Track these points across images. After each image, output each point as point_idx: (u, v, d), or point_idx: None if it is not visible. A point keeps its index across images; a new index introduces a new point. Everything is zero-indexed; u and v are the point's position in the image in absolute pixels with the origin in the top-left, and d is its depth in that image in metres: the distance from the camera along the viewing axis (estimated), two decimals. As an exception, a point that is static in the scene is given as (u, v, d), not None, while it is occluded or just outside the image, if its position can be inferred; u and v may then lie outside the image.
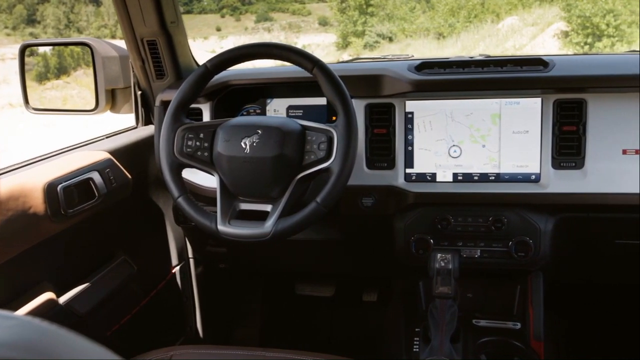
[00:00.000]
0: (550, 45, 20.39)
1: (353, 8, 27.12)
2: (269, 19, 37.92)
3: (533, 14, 22.93)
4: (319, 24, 35.55)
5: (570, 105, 1.47)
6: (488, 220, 1.53)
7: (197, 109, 1.70)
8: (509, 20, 23.10)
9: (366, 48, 25.76)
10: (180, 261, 1.99)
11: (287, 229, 1.30)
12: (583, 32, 19.86)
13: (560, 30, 20.92)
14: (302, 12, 38.08)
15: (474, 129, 1.53)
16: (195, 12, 40.66)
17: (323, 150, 1.31)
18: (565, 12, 20.84)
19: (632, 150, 1.45)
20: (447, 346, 1.31)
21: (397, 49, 23.27)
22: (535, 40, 21.10)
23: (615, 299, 2.09)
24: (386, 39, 26.18)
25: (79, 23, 36.83)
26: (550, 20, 21.83)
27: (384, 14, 27.22)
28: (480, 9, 24.80)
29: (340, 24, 28.46)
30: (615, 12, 19.76)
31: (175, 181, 1.39)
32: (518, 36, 21.92)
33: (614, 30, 19.66)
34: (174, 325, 2.01)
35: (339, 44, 27.47)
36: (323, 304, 2.35)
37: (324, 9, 35.96)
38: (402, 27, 26.60)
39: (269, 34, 35.43)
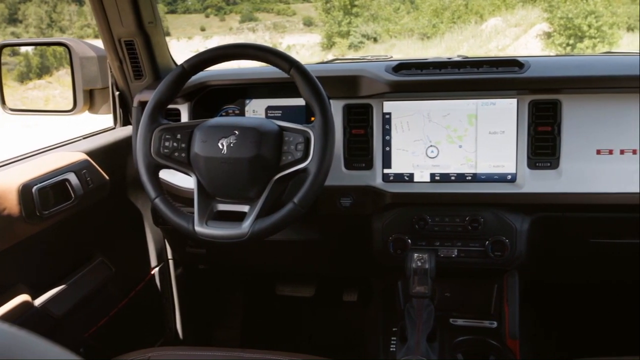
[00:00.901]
0: (533, 46, 20.57)
1: (338, 8, 27.16)
2: (254, 19, 37.84)
3: (516, 15, 23.13)
4: (303, 24, 35.54)
5: (545, 106, 1.49)
6: (465, 220, 1.54)
7: (175, 109, 1.69)
8: (493, 21, 23.29)
9: (351, 48, 25.81)
10: (160, 262, 1.98)
11: (264, 230, 1.31)
12: (565, 33, 20.08)
13: (543, 31, 21.13)
14: (286, 12, 38.04)
15: (451, 129, 1.54)
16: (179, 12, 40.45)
17: (300, 150, 1.31)
18: (548, 13, 21.06)
19: (606, 151, 1.47)
20: (424, 345, 1.32)
21: (382, 50, 23.35)
22: (518, 41, 21.29)
23: (591, 297, 2.11)
24: (371, 39, 26.25)
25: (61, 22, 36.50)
26: (533, 21, 22.04)
27: (368, 14, 27.29)
28: (464, 10, 24.97)
29: (325, 24, 28.48)
30: (597, 14, 20.00)
31: (152, 182, 1.38)
32: (501, 37, 22.10)
33: (596, 32, 19.90)
34: (153, 326, 2.00)
35: (324, 44, 27.49)
36: (303, 304, 2.35)
37: (308, 9, 35.97)
38: (386, 27, 26.69)
39: (254, 34, 35.36)
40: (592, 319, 2.13)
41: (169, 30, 35.89)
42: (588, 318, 2.14)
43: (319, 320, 2.34)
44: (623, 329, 2.08)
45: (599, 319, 2.13)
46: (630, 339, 2.02)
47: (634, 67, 1.53)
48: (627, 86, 1.47)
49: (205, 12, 39.85)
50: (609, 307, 2.14)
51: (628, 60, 1.65)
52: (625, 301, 2.12)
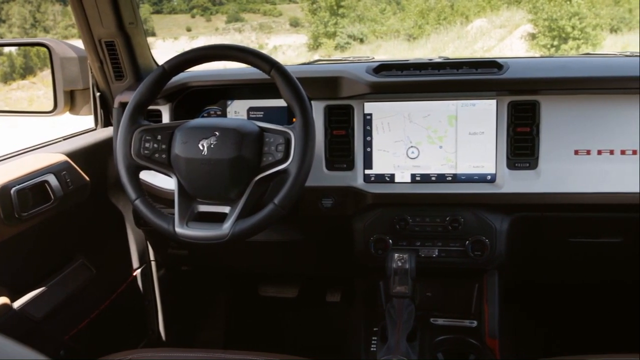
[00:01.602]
0: (518, 47, 20.72)
1: (324, 9, 27.14)
2: (240, 19, 37.74)
3: (501, 17, 23.28)
4: (290, 25, 35.50)
5: (524, 107, 1.51)
6: (445, 220, 1.55)
7: (156, 110, 1.69)
8: (478, 22, 23.42)
9: (337, 49, 25.82)
10: (142, 264, 1.97)
11: (245, 231, 1.31)
12: (550, 35, 20.23)
13: (528, 32, 21.29)
14: (273, 12, 37.98)
15: (431, 130, 1.56)
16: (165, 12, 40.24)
17: (281, 151, 1.32)
18: (532, 14, 21.21)
19: (584, 151, 1.49)
20: (404, 345, 1.33)
21: (369, 50, 23.39)
22: (503, 42, 21.43)
23: (572, 296, 2.14)
24: (357, 40, 26.28)
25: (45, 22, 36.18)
26: (518, 22, 22.19)
27: (354, 15, 27.31)
28: (449, 11, 25.07)
29: (311, 25, 28.46)
30: (581, 15, 20.18)
31: (132, 183, 1.38)
32: (487, 38, 22.24)
33: (580, 33, 20.07)
34: (135, 328, 2.00)
35: (311, 45, 27.47)
36: (287, 305, 2.36)
37: (295, 10, 35.93)
38: (372, 28, 26.73)
39: (240, 34, 35.25)
40: (573, 318, 2.15)
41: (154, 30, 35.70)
42: (569, 317, 2.16)
43: (302, 321, 2.34)
44: (603, 327, 2.10)
45: (580, 318, 2.15)
46: (611, 337, 2.05)
47: (612, 69, 1.55)
48: (604, 87, 1.49)
49: (191, 13, 39.68)
50: (590, 306, 2.17)
51: (606, 61, 1.68)
52: (605, 300, 2.15)
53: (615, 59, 1.72)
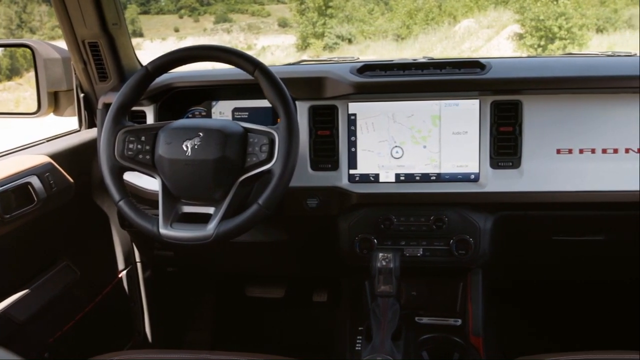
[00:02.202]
0: (505, 47, 20.84)
1: (312, 9, 27.16)
2: (228, 20, 37.66)
3: (488, 17, 23.40)
4: (278, 25, 35.48)
5: (507, 107, 1.52)
6: (429, 219, 1.56)
7: (140, 111, 1.68)
8: (466, 22, 23.53)
9: (326, 49, 25.83)
10: (127, 265, 1.96)
11: (229, 231, 1.31)
12: (537, 35, 20.37)
13: (515, 32, 21.41)
14: (261, 13, 37.94)
15: (415, 130, 1.56)
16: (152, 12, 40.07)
17: (265, 152, 1.32)
18: (519, 15, 21.34)
19: (566, 150, 1.51)
20: (389, 344, 1.33)
21: (357, 51, 23.43)
22: (490, 43, 21.54)
23: (557, 294, 2.15)
24: (345, 40, 26.32)
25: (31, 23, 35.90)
26: (505, 23, 22.32)
27: (343, 15, 27.35)
28: (437, 11, 25.17)
29: (299, 25, 28.46)
30: (567, 15, 20.34)
31: (116, 185, 1.37)
32: (474, 38, 22.35)
33: (566, 33, 20.23)
34: (121, 330, 1.99)
35: (299, 45, 27.47)
36: (274, 306, 2.36)
37: (283, 10, 35.92)
38: (361, 29, 26.79)
39: (229, 35, 35.18)
40: (559, 316, 2.17)
41: (142, 31, 35.54)
42: (554, 315, 2.18)
43: (289, 321, 2.34)
44: (588, 325, 2.12)
45: (566, 315, 2.17)
46: (596, 334, 2.07)
47: (593, 68, 1.57)
48: (586, 87, 1.51)
49: (179, 13, 39.55)
50: (575, 303, 2.19)
51: (588, 61, 1.70)
52: (590, 298, 2.17)
53: (597, 59, 1.73)
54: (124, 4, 35.40)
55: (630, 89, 1.49)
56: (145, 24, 37.72)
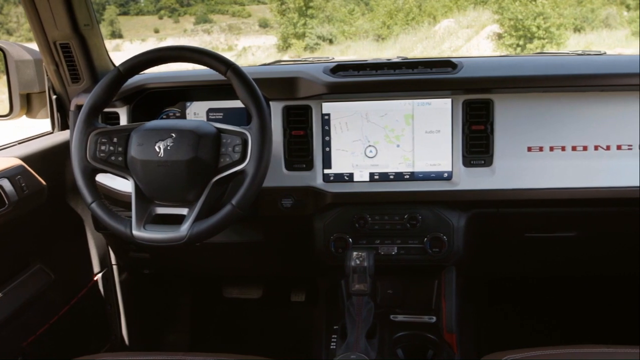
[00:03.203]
0: (485, 47, 21.00)
1: (293, 10, 27.15)
2: (209, 20, 37.48)
3: (468, 17, 23.57)
4: (259, 26, 35.40)
5: (478, 105, 1.53)
6: (404, 218, 1.58)
7: (114, 113, 1.67)
8: (445, 22, 23.67)
9: (307, 50, 25.84)
10: (103, 268, 1.95)
11: (202, 232, 1.31)
12: (515, 34, 20.56)
13: (494, 32, 21.59)
14: (242, 14, 37.81)
15: (389, 129, 1.57)
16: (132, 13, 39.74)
17: (238, 152, 1.32)
18: (498, 15, 21.52)
19: (537, 148, 1.53)
20: (363, 342, 1.34)
21: (338, 51, 23.48)
22: (470, 42, 21.70)
23: (532, 290, 2.18)
24: (326, 40, 26.34)
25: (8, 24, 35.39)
26: (484, 22, 22.50)
27: (323, 16, 27.38)
28: (417, 11, 25.29)
29: (280, 26, 28.43)
30: (545, 15, 20.55)
31: (89, 186, 1.37)
32: (454, 38, 22.50)
33: (544, 33, 20.45)
34: (97, 333, 1.98)
35: (280, 46, 27.44)
36: (252, 306, 2.35)
37: (264, 11, 35.83)
38: (341, 29, 26.83)
39: (209, 35, 35.01)
40: (534, 312, 2.20)
41: (121, 32, 35.23)
42: (530, 311, 2.20)
43: (267, 322, 2.34)
44: (563, 320, 2.15)
45: (540, 311, 2.20)
46: (569, 330, 2.10)
47: (563, 67, 1.59)
48: (556, 85, 1.53)
49: (159, 14, 39.27)
50: (550, 299, 2.21)
51: (558, 60, 1.72)
52: (564, 294, 2.20)
53: (567, 58, 1.76)
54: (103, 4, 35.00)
55: (598, 87, 1.52)
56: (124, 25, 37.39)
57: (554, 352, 1.25)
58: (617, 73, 1.53)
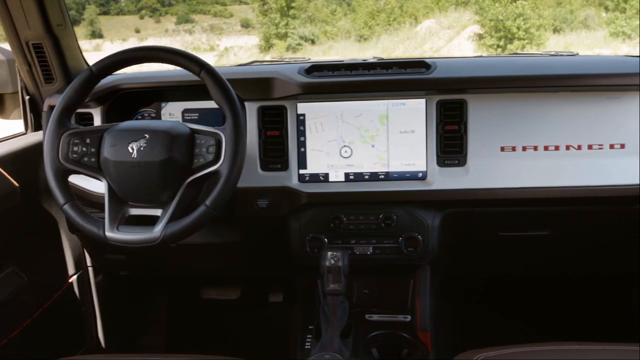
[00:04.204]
0: (466, 48, 21.14)
1: (275, 10, 27.09)
2: (190, 20, 37.26)
3: (449, 17, 23.69)
4: (241, 26, 35.27)
5: (452, 106, 1.55)
6: (379, 217, 1.58)
7: (87, 114, 1.66)
8: (427, 23, 23.78)
9: (289, 50, 25.80)
10: (78, 270, 1.93)
11: (176, 233, 1.30)
12: (496, 35, 20.73)
13: (475, 33, 21.75)
14: (224, 14, 37.64)
15: (364, 129, 1.58)
16: (112, 13, 39.37)
17: (212, 153, 1.32)
18: (479, 15, 21.69)
19: (509, 147, 1.54)
20: (337, 342, 1.35)
21: (320, 51, 23.50)
22: (451, 43, 21.83)
23: (508, 289, 2.20)
24: (308, 41, 26.32)
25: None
26: (465, 23, 22.64)
27: (305, 16, 27.36)
28: (399, 12, 25.38)
29: (262, 26, 28.36)
30: (525, 16, 20.75)
31: (61, 188, 1.36)
32: (436, 39, 22.61)
33: (524, 33, 20.64)
34: (72, 336, 1.96)
35: (262, 46, 27.36)
36: (229, 307, 2.35)
37: (246, 11, 35.73)
38: (324, 29, 26.83)
39: (191, 35, 34.82)
40: (510, 310, 2.22)
41: (102, 32, 34.90)
42: (506, 309, 2.22)
43: (245, 322, 2.34)
44: (537, 319, 2.17)
45: (516, 310, 2.22)
46: (545, 328, 2.12)
47: (535, 68, 1.61)
48: (527, 86, 1.55)
49: (140, 14, 38.95)
50: (526, 298, 2.24)
51: (531, 61, 1.74)
52: (539, 292, 2.22)
53: (540, 59, 1.78)
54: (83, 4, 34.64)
55: (569, 87, 1.54)
56: (105, 24, 37.03)
57: (527, 349, 1.27)
58: (587, 74, 1.55)
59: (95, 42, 32.09)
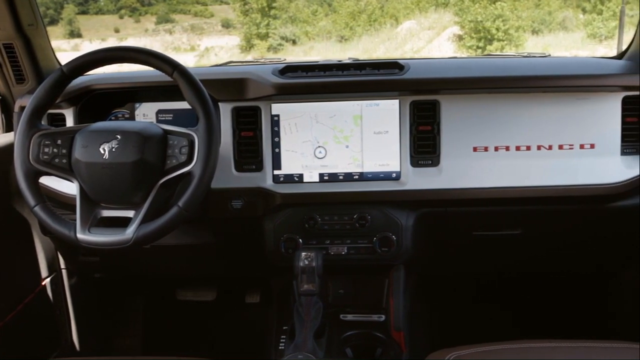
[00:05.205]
0: (446, 49, 21.26)
1: (256, 10, 27.01)
2: (170, 20, 36.95)
3: (429, 18, 23.80)
4: (222, 26, 35.07)
5: (425, 106, 1.56)
6: (353, 218, 1.59)
7: (60, 114, 1.65)
8: (407, 24, 23.87)
9: (270, 50, 25.73)
10: (51, 272, 1.91)
11: (149, 234, 1.30)
12: (476, 36, 20.89)
13: (455, 34, 21.89)
14: (204, 13, 37.39)
15: (338, 130, 1.59)
16: (91, 12, 38.91)
17: (184, 154, 1.32)
18: (459, 17, 21.84)
19: (482, 148, 1.56)
20: (311, 342, 1.35)
21: (301, 52, 23.48)
22: (432, 44, 21.94)
23: (483, 287, 2.22)
24: (290, 41, 26.28)
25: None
26: (445, 24, 22.77)
27: (286, 16, 27.30)
28: (379, 13, 25.45)
29: (243, 26, 28.25)
30: (504, 17, 20.94)
31: (32, 189, 1.34)
32: (416, 39, 22.71)
33: (503, 35, 20.83)
34: (46, 339, 1.93)
35: (243, 46, 27.24)
36: (206, 309, 2.34)
37: (227, 11, 35.55)
38: (305, 30, 26.81)
39: (171, 35, 34.56)
40: (485, 309, 2.24)
41: (80, 31, 34.49)
42: (481, 308, 2.24)
43: (222, 324, 2.33)
44: (509, 317, 2.20)
45: (491, 308, 2.24)
46: (518, 326, 2.15)
47: (507, 69, 1.63)
48: (499, 86, 1.57)
49: (119, 13, 38.52)
50: (500, 296, 2.26)
51: (503, 62, 1.76)
52: (513, 290, 2.25)
53: (513, 60, 1.80)
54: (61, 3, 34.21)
55: (540, 88, 1.56)
56: (84, 24, 36.59)
57: (500, 347, 1.28)
58: (558, 75, 1.57)
59: (74, 41, 31.72)
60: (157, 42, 30.14)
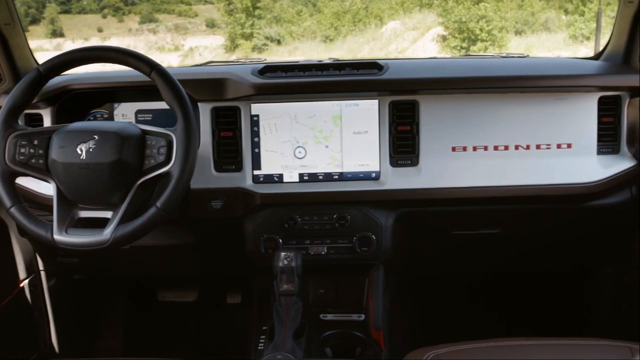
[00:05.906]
0: (430, 49, 21.34)
1: (240, 10, 26.92)
2: (154, 20, 36.69)
3: (414, 19, 23.88)
4: (206, 26, 34.90)
5: (404, 106, 1.57)
6: (333, 217, 1.60)
7: (37, 114, 1.63)
8: (392, 24, 23.93)
9: (255, 50, 25.65)
10: (30, 274, 1.89)
11: (126, 235, 1.29)
12: (460, 37, 20.99)
13: (439, 34, 21.99)
14: (188, 13, 37.18)
15: (317, 130, 1.59)
16: (74, 12, 38.53)
17: (163, 154, 1.31)
18: (443, 17, 21.95)
19: (460, 147, 1.57)
20: (290, 342, 1.35)
21: (286, 52, 23.43)
22: (416, 44, 22.02)
23: (464, 286, 2.24)
24: (274, 41, 26.23)
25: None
26: (430, 25, 22.86)
27: (271, 16, 27.25)
28: (364, 13, 25.48)
29: (227, 26, 28.14)
30: (487, 18, 21.07)
31: (8, 190, 1.34)
32: (400, 40, 22.78)
33: (487, 35, 20.96)
34: (24, 342, 1.91)
35: (228, 46, 27.13)
36: (187, 309, 2.33)
37: (211, 11, 35.37)
38: (289, 30, 26.78)
39: (155, 35, 34.34)
40: (465, 307, 2.25)
41: (62, 31, 34.15)
42: (462, 306, 2.26)
43: (203, 324, 2.32)
44: (488, 316, 2.21)
45: (472, 307, 2.26)
46: (493, 325, 2.16)
47: (485, 69, 1.65)
48: (477, 87, 1.58)
49: (102, 13, 38.16)
50: (481, 295, 2.28)
51: (481, 62, 1.78)
52: (493, 289, 2.26)
53: (492, 60, 1.82)
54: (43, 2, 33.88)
55: (518, 88, 1.57)
56: (66, 23, 36.21)
57: (478, 345, 1.29)
58: (536, 75, 1.59)
59: (56, 41, 31.41)
60: (141, 42, 29.93)
